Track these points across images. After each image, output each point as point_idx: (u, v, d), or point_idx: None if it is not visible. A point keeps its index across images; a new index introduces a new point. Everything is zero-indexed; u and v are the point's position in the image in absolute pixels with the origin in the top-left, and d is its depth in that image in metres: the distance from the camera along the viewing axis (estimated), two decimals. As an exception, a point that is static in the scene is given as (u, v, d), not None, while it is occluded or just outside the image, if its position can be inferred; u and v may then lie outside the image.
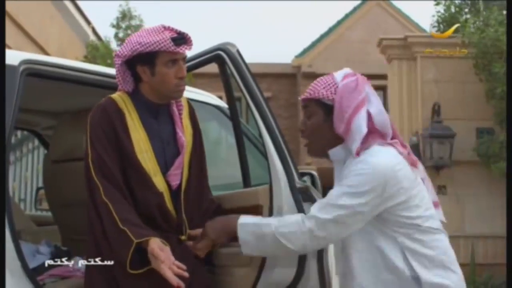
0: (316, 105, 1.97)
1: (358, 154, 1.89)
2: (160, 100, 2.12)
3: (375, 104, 1.94)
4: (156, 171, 2.07)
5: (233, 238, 2.04)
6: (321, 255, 2.22)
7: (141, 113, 2.10)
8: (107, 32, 20.31)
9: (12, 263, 2.01)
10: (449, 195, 7.42)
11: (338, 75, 1.99)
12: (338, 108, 1.91)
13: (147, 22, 13.64)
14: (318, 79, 2.01)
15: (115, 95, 2.12)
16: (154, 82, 2.06)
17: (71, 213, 3.02)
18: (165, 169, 2.10)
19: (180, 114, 2.19)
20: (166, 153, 2.12)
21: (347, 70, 2.01)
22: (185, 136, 2.18)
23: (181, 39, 2.03)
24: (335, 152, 1.98)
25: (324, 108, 1.95)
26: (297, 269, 2.22)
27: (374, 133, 1.92)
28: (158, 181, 2.07)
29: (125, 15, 12.95)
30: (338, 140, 1.96)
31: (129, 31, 12.83)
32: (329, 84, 1.96)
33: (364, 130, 1.89)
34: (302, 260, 2.21)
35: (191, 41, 2.07)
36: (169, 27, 2.05)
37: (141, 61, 2.04)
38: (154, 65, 2.03)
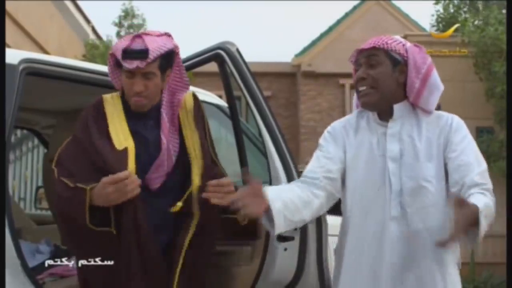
0: (384, 55, 1.94)
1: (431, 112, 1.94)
2: None
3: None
4: (131, 172, 1.94)
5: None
6: (320, 254, 2.22)
7: (129, 115, 2.06)
8: (108, 31, 20.29)
9: (12, 262, 2.01)
10: (448, 194, 7.40)
11: (399, 38, 2.00)
12: (413, 65, 1.92)
13: (149, 21, 13.68)
14: (379, 36, 2.00)
15: (108, 95, 2.11)
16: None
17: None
18: (146, 172, 2.02)
19: (173, 114, 2.12)
20: (151, 155, 2.04)
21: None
22: (189, 137, 2.11)
23: (133, 52, 1.95)
24: (400, 108, 1.96)
25: (392, 61, 1.94)
26: (296, 268, 2.22)
27: None
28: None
29: (127, 14, 12.97)
30: (398, 96, 1.95)
31: (131, 30, 12.84)
32: (398, 40, 1.97)
33: (441, 87, 1.93)
34: (302, 258, 2.21)
35: (145, 57, 1.94)
36: (140, 36, 1.99)
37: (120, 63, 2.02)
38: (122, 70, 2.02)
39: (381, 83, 1.93)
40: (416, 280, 1.87)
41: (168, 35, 2.06)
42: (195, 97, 2.21)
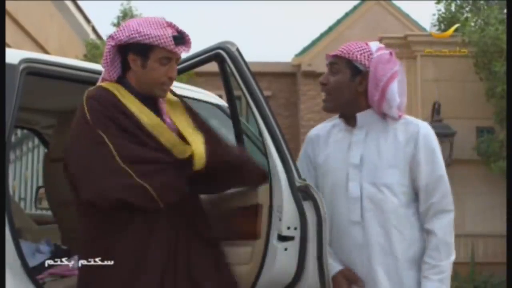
0: (345, 64, 2.00)
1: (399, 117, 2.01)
2: (143, 92, 2.04)
3: (402, 81, 2.02)
4: (176, 141, 1.98)
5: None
6: (320, 253, 2.22)
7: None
8: (108, 31, 20.25)
9: (12, 262, 2.01)
10: (449, 194, 7.43)
11: (372, 45, 2.04)
12: (373, 77, 1.96)
13: (148, 21, 13.67)
14: (351, 43, 2.05)
15: (108, 86, 2.01)
16: (142, 74, 2.00)
17: (71, 212, 3.01)
18: None
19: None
20: None
21: (378, 43, 2.07)
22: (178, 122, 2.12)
23: (181, 39, 2.00)
24: (364, 116, 2.01)
25: (353, 70, 1.99)
26: (297, 267, 2.22)
27: (397, 109, 2.03)
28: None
29: (126, 14, 12.98)
30: (356, 103, 2.01)
31: (130, 30, 12.82)
32: (364, 50, 2.00)
33: (398, 99, 1.97)
34: (302, 258, 2.21)
35: (190, 43, 2.03)
36: (171, 23, 2.01)
37: (134, 50, 1.97)
38: (147, 58, 1.97)
39: (336, 91, 2.02)
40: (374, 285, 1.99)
41: None
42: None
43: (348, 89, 1.99)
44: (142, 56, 1.98)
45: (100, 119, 1.89)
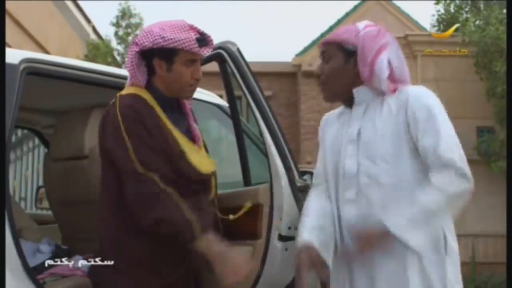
0: (336, 49, 1.96)
1: (394, 91, 1.92)
2: (170, 95, 2.05)
3: (395, 53, 1.95)
4: (202, 156, 2.05)
5: None
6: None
7: (163, 109, 2.02)
8: (107, 31, 20.33)
9: (12, 262, 2.01)
10: (449, 194, 7.42)
11: (360, 24, 1.99)
12: (361, 53, 1.92)
13: (147, 20, 13.68)
14: (339, 27, 2.02)
15: (138, 92, 2.00)
16: (168, 78, 2.00)
17: (71, 211, 3.02)
18: None
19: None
20: None
21: (367, 22, 2.02)
22: None
23: (204, 40, 2.00)
24: (360, 91, 1.95)
25: (345, 52, 1.94)
26: (297, 267, 2.21)
27: (393, 82, 1.92)
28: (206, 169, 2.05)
29: (125, 14, 12.99)
30: (356, 85, 1.95)
31: (129, 30, 12.89)
32: (350, 30, 1.97)
33: (386, 72, 1.90)
34: (302, 258, 2.21)
35: (212, 43, 2.04)
36: (192, 25, 2.01)
37: (159, 55, 1.97)
38: (172, 62, 1.98)
39: (332, 78, 1.96)
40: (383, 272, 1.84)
41: None
42: None
43: (345, 73, 1.94)
44: (167, 60, 1.98)
45: (137, 129, 1.90)
